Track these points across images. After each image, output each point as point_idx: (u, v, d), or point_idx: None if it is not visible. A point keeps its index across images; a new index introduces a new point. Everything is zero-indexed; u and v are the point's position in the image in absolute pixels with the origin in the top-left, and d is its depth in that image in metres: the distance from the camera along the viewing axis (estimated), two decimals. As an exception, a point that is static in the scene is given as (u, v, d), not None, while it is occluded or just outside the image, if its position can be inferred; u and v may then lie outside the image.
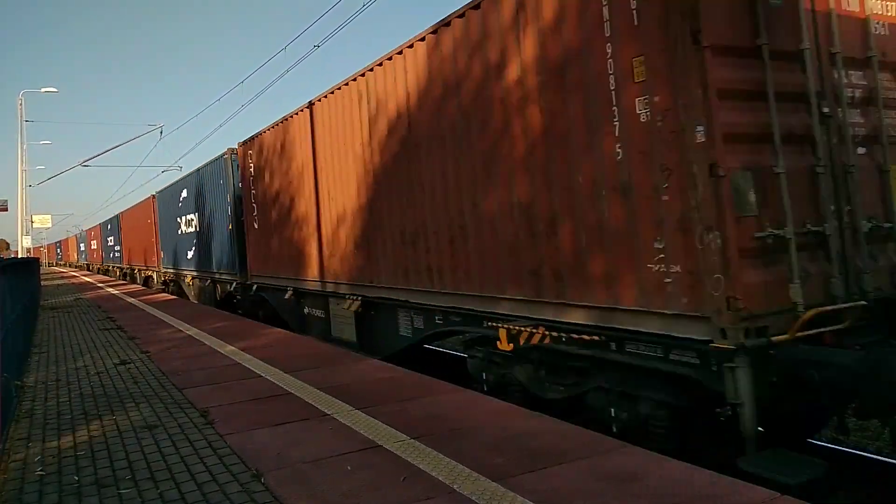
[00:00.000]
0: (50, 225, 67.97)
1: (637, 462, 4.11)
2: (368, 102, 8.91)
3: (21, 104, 39.37)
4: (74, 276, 45.11)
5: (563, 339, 5.69)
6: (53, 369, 8.64)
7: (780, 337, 4.36)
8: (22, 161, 40.45)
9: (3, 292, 6.54)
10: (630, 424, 5.28)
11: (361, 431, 5.05)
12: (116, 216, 39.41)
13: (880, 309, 4.75)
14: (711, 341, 4.43)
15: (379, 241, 8.90)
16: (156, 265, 26.35)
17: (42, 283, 29.37)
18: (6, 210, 46.91)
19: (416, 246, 7.99)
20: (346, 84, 9.45)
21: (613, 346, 5.30)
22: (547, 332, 5.87)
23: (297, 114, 11.49)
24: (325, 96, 10.26)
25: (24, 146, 40.70)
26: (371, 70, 8.74)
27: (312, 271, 11.24)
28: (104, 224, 47.02)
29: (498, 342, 6.28)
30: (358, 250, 9.56)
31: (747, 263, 4.44)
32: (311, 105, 10.85)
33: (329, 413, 5.63)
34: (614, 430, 5.31)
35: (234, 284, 15.50)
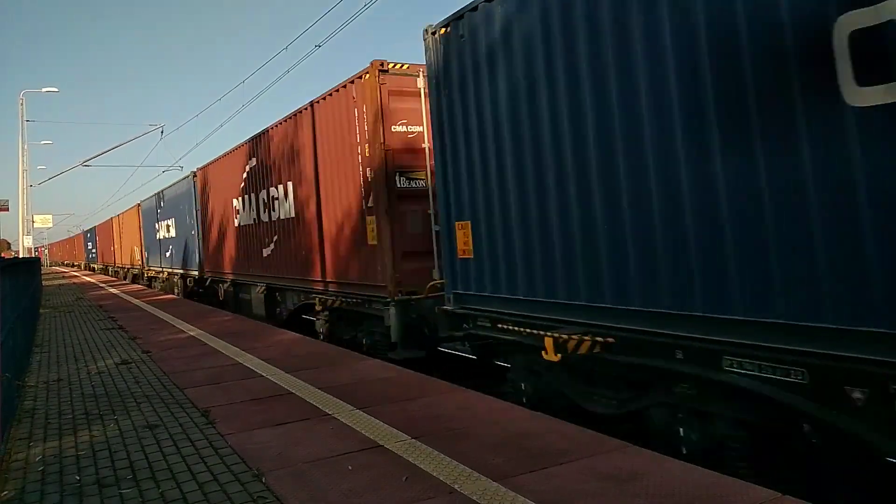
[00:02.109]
0: (51, 225, 68.07)
1: (637, 462, 4.11)
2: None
3: (22, 104, 39.43)
4: (76, 277, 45.14)
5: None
6: (55, 369, 8.66)
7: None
8: (23, 161, 40.50)
9: (3, 292, 6.54)
10: None
11: (362, 431, 5.05)
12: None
13: None
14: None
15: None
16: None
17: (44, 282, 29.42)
18: (7, 210, 46.98)
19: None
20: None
21: None
22: None
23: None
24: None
25: (25, 146, 40.76)
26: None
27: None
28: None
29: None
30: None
31: None
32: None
33: (330, 413, 5.63)
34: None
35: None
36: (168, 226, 23.70)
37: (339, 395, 6.21)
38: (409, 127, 9.07)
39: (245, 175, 14.74)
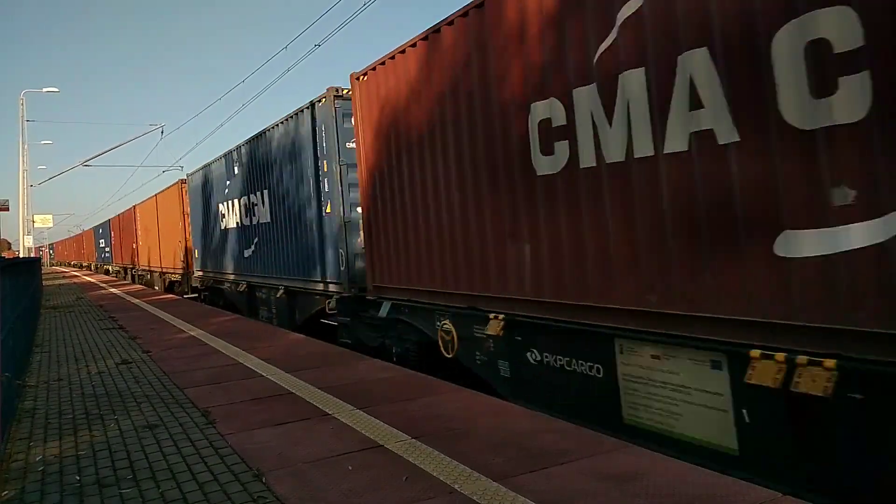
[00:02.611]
0: (51, 224, 68.11)
1: (637, 462, 4.11)
2: None
3: (22, 104, 39.46)
4: (76, 276, 45.14)
5: None
6: (55, 369, 8.66)
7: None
8: (23, 161, 40.52)
9: (3, 292, 6.54)
10: None
11: (362, 431, 5.05)
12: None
13: None
14: None
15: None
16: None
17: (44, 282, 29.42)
18: (7, 210, 47.02)
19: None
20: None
21: None
22: None
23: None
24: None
25: (26, 146, 40.81)
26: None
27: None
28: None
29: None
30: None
31: None
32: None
33: (330, 413, 5.64)
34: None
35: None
36: (253, 205, 14.29)
37: (340, 394, 6.21)
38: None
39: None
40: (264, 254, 13.75)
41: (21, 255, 38.44)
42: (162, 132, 35.22)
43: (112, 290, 26.22)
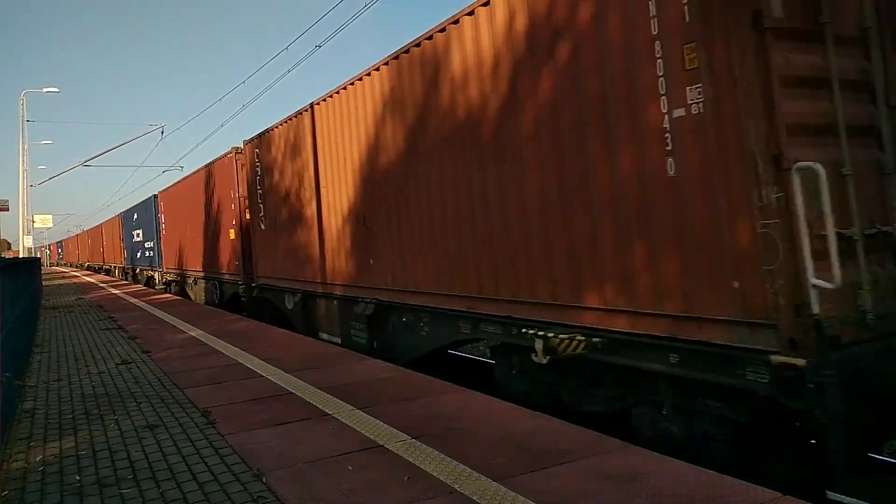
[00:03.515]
0: (51, 224, 68.04)
1: (637, 462, 4.12)
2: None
3: (22, 104, 39.45)
4: (76, 276, 45.13)
5: None
6: (55, 369, 8.66)
7: None
8: (23, 161, 40.52)
9: (3, 292, 6.55)
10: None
11: (362, 431, 5.05)
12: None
13: None
14: None
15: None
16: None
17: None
18: (7, 210, 47.01)
19: None
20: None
21: None
22: None
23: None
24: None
25: (26, 146, 40.80)
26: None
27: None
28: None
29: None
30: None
31: None
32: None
33: (330, 413, 5.64)
34: None
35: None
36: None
37: (340, 395, 6.21)
38: None
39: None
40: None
41: (21, 255, 38.45)
42: (162, 132, 35.17)
43: (112, 290, 26.21)
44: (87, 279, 39.05)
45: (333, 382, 6.76)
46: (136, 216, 30.81)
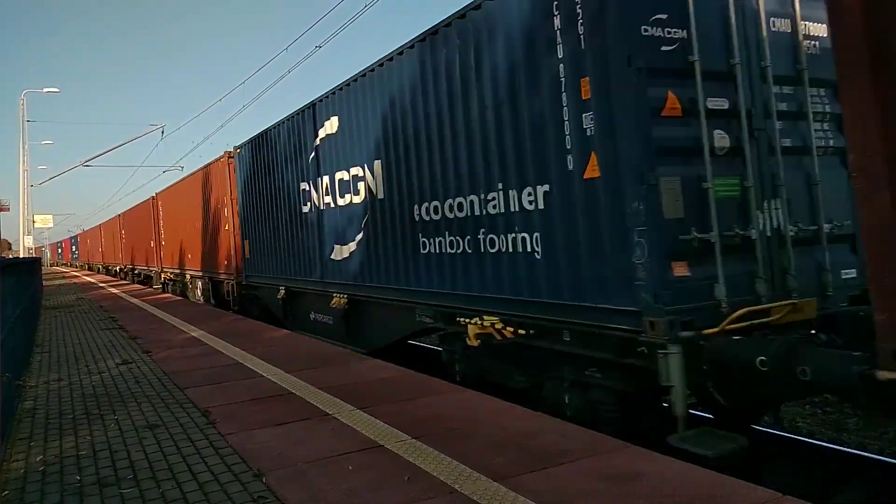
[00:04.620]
0: (51, 224, 68.06)
1: (637, 462, 4.12)
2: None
3: (23, 104, 39.48)
4: (76, 277, 45.14)
5: None
6: (55, 369, 8.66)
7: None
8: (23, 161, 40.55)
9: (4, 292, 6.55)
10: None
11: (362, 431, 5.05)
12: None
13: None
14: None
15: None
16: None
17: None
18: (8, 210, 47.05)
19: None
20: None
21: None
22: None
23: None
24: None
25: (26, 146, 40.85)
26: None
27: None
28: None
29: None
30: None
31: None
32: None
33: (330, 413, 5.64)
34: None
35: None
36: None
37: (340, 395, 6.21)
38: None
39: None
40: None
41: (21, 255, 38.45)
42: (162, 132, 35.25)
43: (112, 289, 26.22)
44: (87, 279, 39.05)
45: (333, 382, 6.77)
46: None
